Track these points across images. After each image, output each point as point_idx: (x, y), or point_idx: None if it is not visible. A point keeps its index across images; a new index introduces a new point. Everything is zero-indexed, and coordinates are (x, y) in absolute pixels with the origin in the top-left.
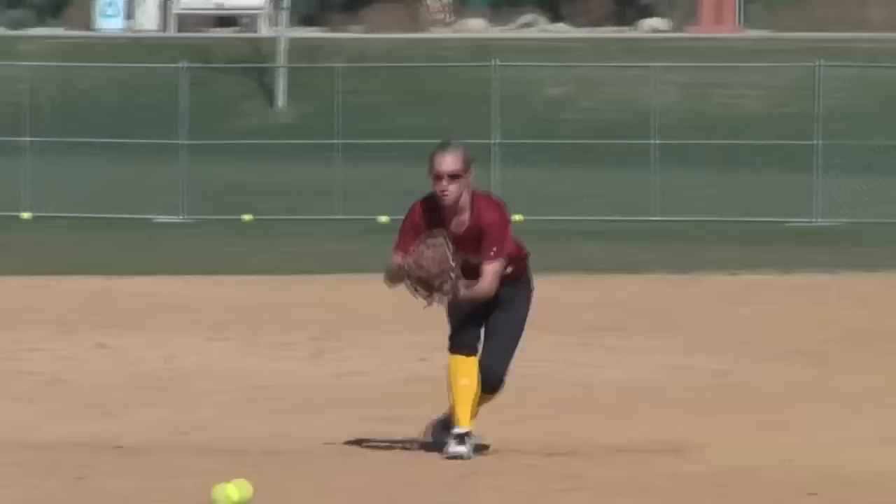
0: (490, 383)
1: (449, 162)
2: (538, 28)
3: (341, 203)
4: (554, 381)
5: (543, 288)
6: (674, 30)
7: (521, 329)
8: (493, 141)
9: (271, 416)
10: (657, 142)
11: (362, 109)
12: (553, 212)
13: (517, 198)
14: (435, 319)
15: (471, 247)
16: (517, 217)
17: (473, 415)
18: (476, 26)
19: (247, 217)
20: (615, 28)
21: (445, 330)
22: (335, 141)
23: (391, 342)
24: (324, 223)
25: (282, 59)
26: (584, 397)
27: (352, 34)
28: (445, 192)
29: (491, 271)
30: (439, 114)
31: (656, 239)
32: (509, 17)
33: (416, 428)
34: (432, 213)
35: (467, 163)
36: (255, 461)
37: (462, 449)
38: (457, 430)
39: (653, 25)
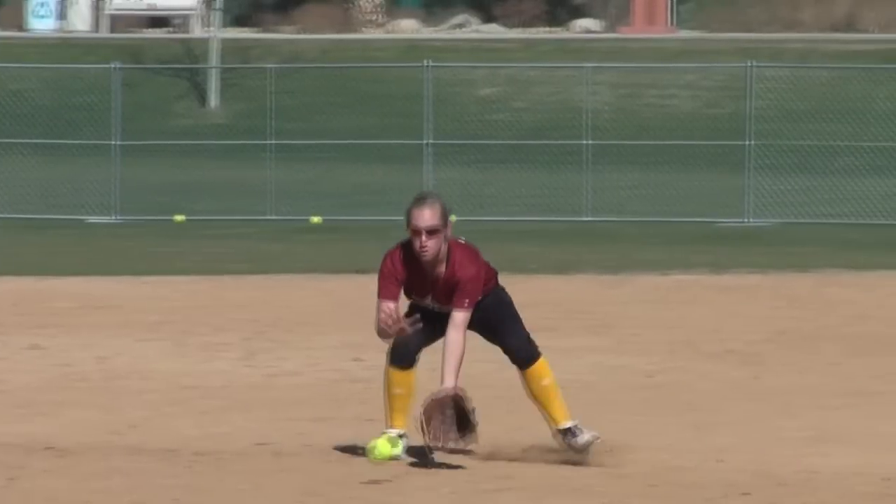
0: (522, 356)
1: (427, 217)
2: (470, 29)
3: (273, 203)
4: (486, 382)
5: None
6: (606, 30)
7: (513, 310)
8: (425, 141)
9: (203, 417)
10: (589, 142)
11: (295, 110)
12: (485, 212)
13: (449, 198)
14: (367, 320)
15: (443, 296)
16: (450, 217)
17: (564, 412)
18: (408, 27)
19: (179, 217)
20: (547, 29)
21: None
22: (267, 141)
23: (323, 342)
24: (256, 223)
25: (214, 59)
26: (516, 398)
27: (284, 35)
28: (425, 249)
29: (460, 320)
30: (371, 114)
31: (588, 239)
32: (441, 17)
33: (349, 428)
34: (410, 260)
35: (445, 216)
36: (188, 461)
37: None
38: (392, 433)
39: (585, 26)
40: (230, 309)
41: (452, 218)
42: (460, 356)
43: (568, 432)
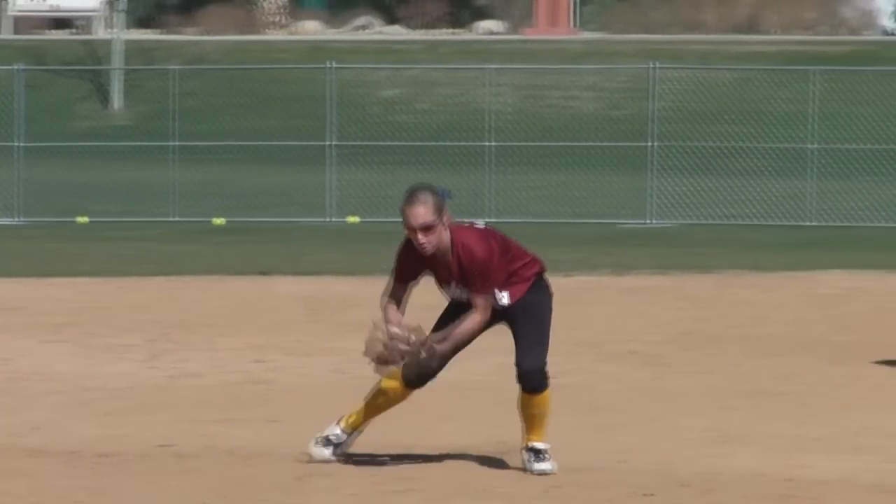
0: (529, 384)
1: (420, 214)
2: (373, 30)
3: (176, 205)
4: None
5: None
6: (509, 32)
7: (547, 324)
8: (328, 143)
9: (106, 419)
10: (492, 143)
11: (198, 111)
12: (389, 213)
13: (353, 200)
14: (270, 321)
15: (463, 281)
16: (353, 219)
17: (542, 434)
18: (311, 28)
19: (82, 219)
20: (450, 30)
21: (288, 332)
22: (170, 143)
23: (226, 344)
24: (159, 225)
25: (117, 61)
26: (419, 398)
27: (187, 36)
28: (424, 246)
29: (479, 305)
30: (275, 115)
31: None
32: (344, 19)
33: (252, 430)
34: (419, 255)
35: (439, 208)
36: (90, 463)
37: (325, 451)
38: (327, 432)
39: (488, 27)
40: (133, 310)
41: (354, 220)
42: (467, 334)
43: (533, 452)
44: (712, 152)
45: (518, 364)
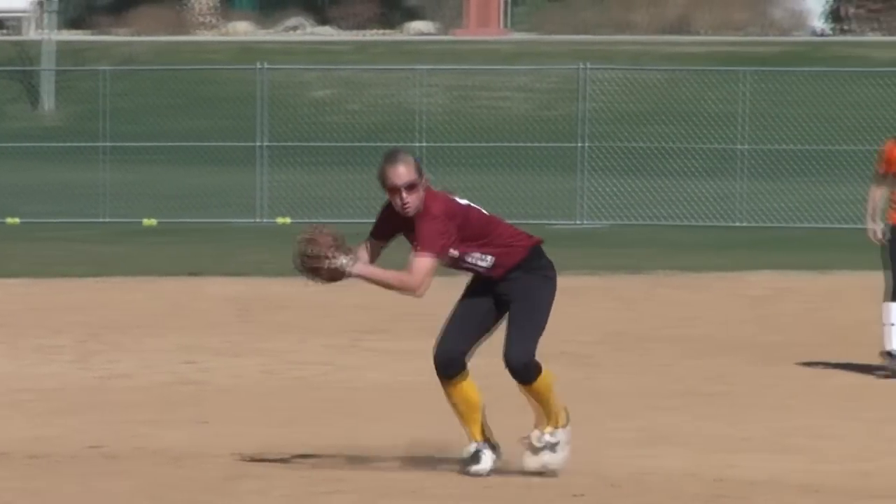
0: (516, 377)
1: (403, 174)
2: (304, 31)
3: (107, 206)
4: (319, 384)
5: (310, 290)
6: (440, 32)
7: (542, 314)
8: (258, 143)
9: (36, 420)
10: (423, 144)
11: (128, 112)
12: (319, 214)
13: (283, 200)
14: (201, 322)
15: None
16: (283, 220)
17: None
18: (242, 29)
19: (12, 220)
20: (381, 31)
21: (218, 333)
22: (101, 144)
23: (156, 345)
24: (90, 226)
25: (48, 61)
26: (349, 399)
27: (118, 37)
28: (407, 205)
29: (412, 264)
30: (206, 116)
31: None
32: (275, 19)
33: (183, 430)
34: (397, 217)
35: (419, 169)
36: (20, 465)
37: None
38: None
39: (419, 28)
40: (64, 311)
41: (284, 221)
42: (386, 280)
43: (544, 441)
44: (643, 153)
45: (504, 356)
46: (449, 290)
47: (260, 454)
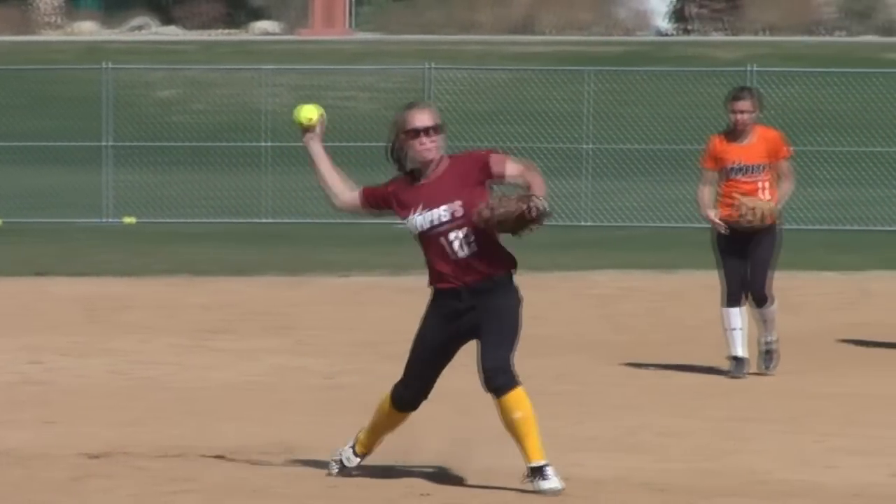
0: (493, 383)
1: (428, 117)
2: (150, 31)
3: None
4: (166, 383)
5: (156, 290)
6: (285, 32)
7: (515, 322)
8: (104, 143)
9: None
10: (268, 144)
11: None
12: (165, 214)
13: (129, 200)
14: (46, 322)
15: (445, 195)
16: (129, 219)
17: (537, 448)
18: (87, 29)
19: None
20: (226, 31)
21: (64, 333)
22: None
23: (2, 345)
24: None
25: None
26: (195, 399)
27: None
28: (429, 149)
29: (520, 164)
30: (51, 116)
31: (267, 241)
32: (121, 19)
33: (29, 430)
34: (404, 186)
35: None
36: None
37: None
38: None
39: (264, 28)
40: None
41: (130, 220)
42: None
43: (535, 472)
44: None
45: (480, 358)
46: (296, 290)
47: (106, 454)
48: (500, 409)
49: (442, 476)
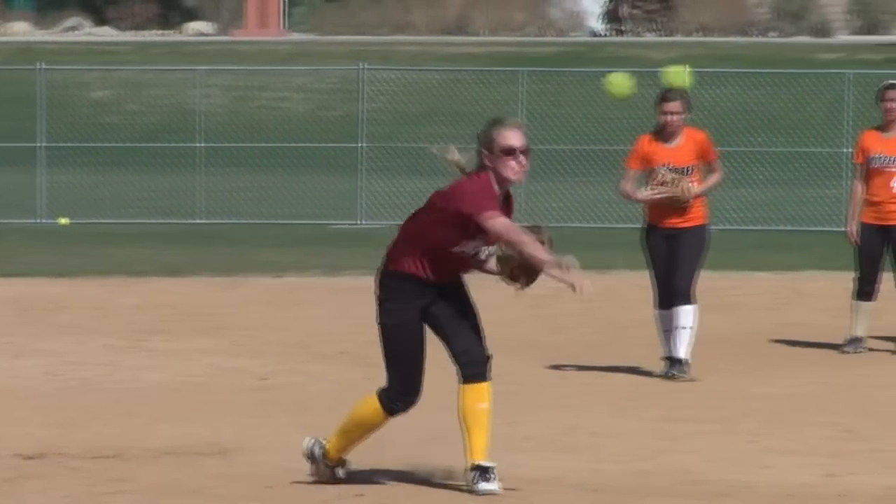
0: (476, 369)
1: (522, 136)
2: (83, 31)
3: None
4: (99, 384)
5: (90, 291)
6: (219, 33)
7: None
8: (38, 144)
9: None
10: (202, 145)
11: None
12: (99, 215)
13: (63, 201)
14: None
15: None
16: (63, 220)
17: (485, 448)
18: (20, 29)
19: None
20: (160, 31)
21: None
22: None
23: None
24: None
25: None
26: (129, 400)
27: None
28: (523, 173)
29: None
30: None
31: (202, 241)
32: (54, 20)
33: None
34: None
35: None
36: None
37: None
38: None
39: (198, 29)
40: None
41: (64, 221)
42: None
43: (479, 470)
44: (423, 153)
45: (456, 344)
46: (230, 290)
47: (41, 455)
48: (467, 396)
49: (376, 476)
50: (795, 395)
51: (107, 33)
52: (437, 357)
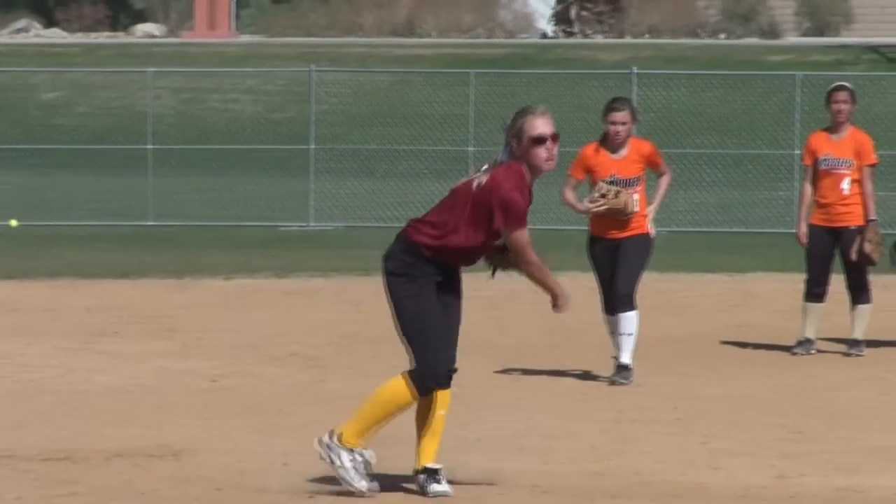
0: (449, 374)
1: (551, 123)
2: (32, 33)
3: None
4: (50, 386)
5: (40, 293)
6: (168, 35)
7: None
8: None
9: None
10: (152, 147)
11: None
12: (48, 217)
13: (11, 203)
14: None
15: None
16: (13, 222)
17: (435, 452)
18: None
19: None
20: (109, 33)
21: None
22: None
23: None
24: None
25: None
26: (80, 402)
27: None
28: (553, 160)
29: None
30: None
31: (152, 244)
32: (2, 22)
33: None
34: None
35: None
36: None
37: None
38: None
39: (147, 31)
40: None
41: (14, 223)
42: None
43: (429, 473)
44: (373, 155)
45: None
46: (181, 292)
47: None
48: (433, 402)
49: (327, 477)
50: (746, 397)
51: (56, 35)
52: (396, 361)
